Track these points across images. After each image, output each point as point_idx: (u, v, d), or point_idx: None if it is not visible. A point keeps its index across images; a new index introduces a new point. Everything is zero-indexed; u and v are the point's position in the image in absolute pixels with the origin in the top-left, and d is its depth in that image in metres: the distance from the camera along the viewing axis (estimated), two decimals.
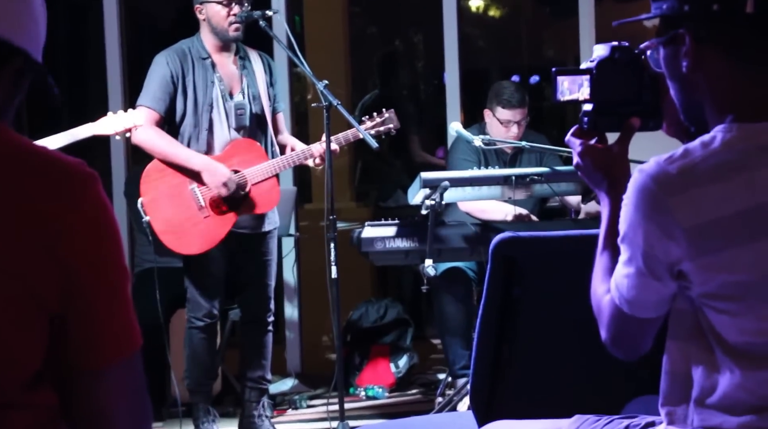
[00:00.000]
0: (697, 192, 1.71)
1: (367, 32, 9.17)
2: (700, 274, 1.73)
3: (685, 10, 1.78)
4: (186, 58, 4.62)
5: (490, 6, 8.97)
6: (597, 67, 1.93)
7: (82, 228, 1.57)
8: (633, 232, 1.75)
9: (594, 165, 1.94)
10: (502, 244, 2.50)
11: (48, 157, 1.59)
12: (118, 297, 1.62)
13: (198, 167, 4.52)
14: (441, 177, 4.46)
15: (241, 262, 4.76)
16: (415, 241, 4.55)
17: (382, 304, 6.07)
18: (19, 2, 1.64)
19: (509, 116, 5.23)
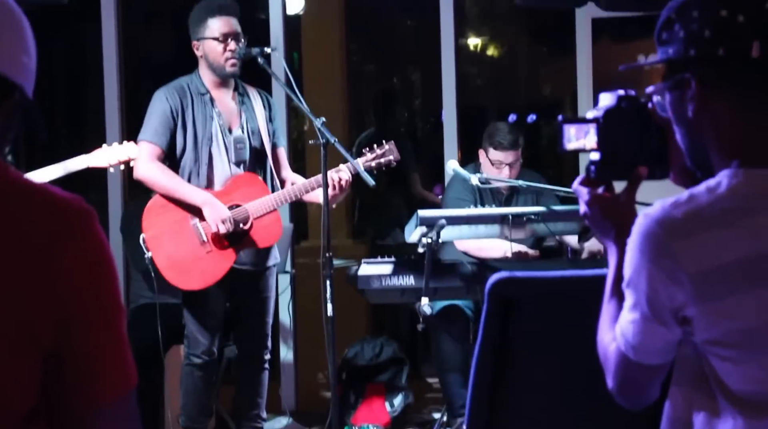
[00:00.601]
0: (702, 237, 1.70)
1: (364, 70, 9.21)
2: (704, 320, 1.71)
3: (690, 54, 1.78)
4: (185, 94, 4.63)
5: (488, 45, 9.02)
6: (604, 116, 1.93)
7: (79, 265, 1.56)
8: (637, 276, 1.74)
9: (602, 214, 1.93)
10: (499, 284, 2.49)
11: (45, 194, 1.59)
12: (113, 334, 1.61)
13: (199, 203, 4.52)
14: (438, 215, 4.46)
15: (240, 298, 4.74)
16: (411, 279, 4.54)
17: (378, 342, 6.04)
18: (16, 38, 1.65)
19: (501, 158, 5.24)
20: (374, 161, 4.66)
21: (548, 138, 8.92)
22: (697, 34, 1.77)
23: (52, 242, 1.55)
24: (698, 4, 1.78)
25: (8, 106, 1.64)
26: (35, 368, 1.55)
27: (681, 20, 1.79)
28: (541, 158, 8.60)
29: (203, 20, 4.64)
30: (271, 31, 6.25)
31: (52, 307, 1.54)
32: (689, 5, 1.79)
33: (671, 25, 1.81)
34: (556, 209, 4.72)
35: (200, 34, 4.64)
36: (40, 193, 1.59)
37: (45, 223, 1.56)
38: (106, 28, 6.32)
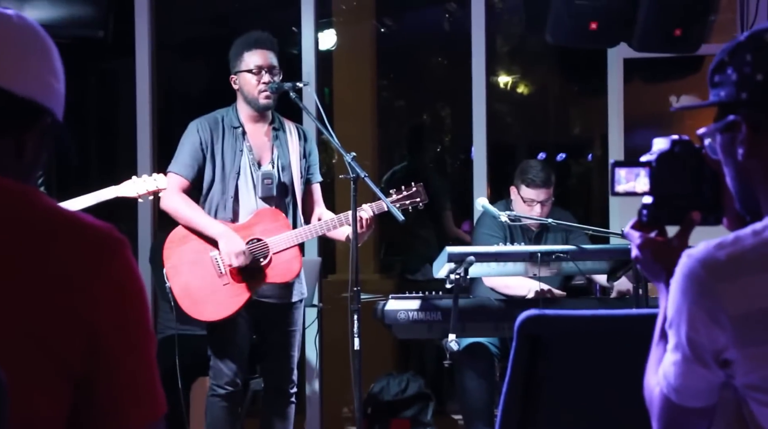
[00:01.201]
0: (746, 280, 1.69)
1: (395, 105, 9.24)
2: (745, 365, 1.70)
3: (742, 97, 1.77)
4: (217, 126, 4.66)
5: (519, 83, 9.03)
6: (657, 160, 1.93)
7: (110, 293, 1.57)
8: (679, 316, 1.73)
9: (653, 258, 1.92)
10: (528, 321, 2.48)
11: (78, 222, 1.60)
12: (144, 362, 1.61)
13: (215, 235, 4.54)
14: (466, 251, 4.46)
15: (265, 331, 4.74)
16: (438, 315, 4.54)
17: (404, 377, 6.03)
18: (44, 62, 1.67)
19: (533, 196, 5.23)
20: (400, 202, 4.66)
21: (577, 177, 8.90)
22: (749, 78, 1.76)
23: (83, 270, 1.56)
24: (751, 48, 1.77)
25: (39, 130, 1.66)
26: (65, 394, 1.56)
27: (734, 63, 1.79)
28: (570, 197, 8.58)
29: (240, 54, 4.68)
30: (304, 66, 6.29)
31: (83, 335, 1.54)
32: (742, 49, 1.78)
33: (724, 68, 1.81)
34: (585, 248, 4.71)
35: (237, 67, 4.69)
36: (72, 221, 1.60)
37: (77, 251, 1.56)
38: (139, 60, 6.38)
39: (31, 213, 1.58)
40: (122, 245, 1.61)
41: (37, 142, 1.66)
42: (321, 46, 6.70)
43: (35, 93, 1.63)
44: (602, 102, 6.18)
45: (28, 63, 1.64)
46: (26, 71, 1.63)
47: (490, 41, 6.57)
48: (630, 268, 4.45)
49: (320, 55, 6.51)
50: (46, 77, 1.66)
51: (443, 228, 7.18)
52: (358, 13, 7.98)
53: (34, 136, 1.65)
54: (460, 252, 4.44)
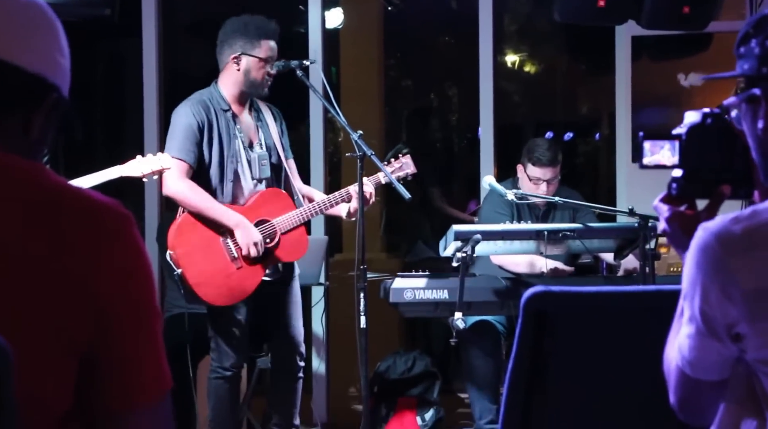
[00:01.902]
0: (760, 255, 1.68)
1: (402, 85, 9.22)
2: (756, 339, 1.69)
3: (763, 72, 1.76)
4: (209, 110, 4.63)
5: (526, 62, 9.01)
6: (687, 133, 1.91)
7: (115, 268, 1.57)
8: (693, 290, 1.73)
9: (682, 231, 1.90)
10: (534, 298, 2.48)
11: (84, 198, 1.60)
12: (149, 338, 1.62)
13: (232, 225, 4.52)
14: (473, 230, 4.46)
15: (266, 309, 4.74)
16: (445, 294, 4.54)
17: (410, 356, 6.03)
18: (51, 38, 1.67)
19: (539, 174, 5.22)
20: (394, 174, 4.66)
21: (585, 156, 8.89)
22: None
23: (89, 245, 1.56)
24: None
25: (47, 107, 1.66)
26: (71, 370, 1.56)
27: (757, 36, 1.78)
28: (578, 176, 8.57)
29: (257, 39, 4.61)
30: (310, 44, 6.28)
31: (89, 309, 1.55)
32: (766, 22, 1.77)
33: (748, 40, 1.80)
34: (592, 226, 4.71)
35: (249, 50, 4.62)
36: (79, 197, 1.60)
37: (83, 227, 1.57)
38: (146, 40, 6.38)
39: (38, 189, 1.58)
40: (128, 221, 1.61)
41: (44, 120, 1.66)
42: (328, 24, 6.68)
43: (43, 69, 1.63)
44: (610, 80, 6.17)
45: (35, 39, 1.64)
46: (34, 48, 1.63)
47: (498, 20, 6.55)
48: (637, 246, 4.44)
49: (327, 33, 6.50)
50: (53, 54, 1.66)
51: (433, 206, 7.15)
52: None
53: (41, 113, 1.65)
54: (467, 230, 4.44)
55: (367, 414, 4.46)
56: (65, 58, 1.69)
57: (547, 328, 2.51)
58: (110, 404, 1.59)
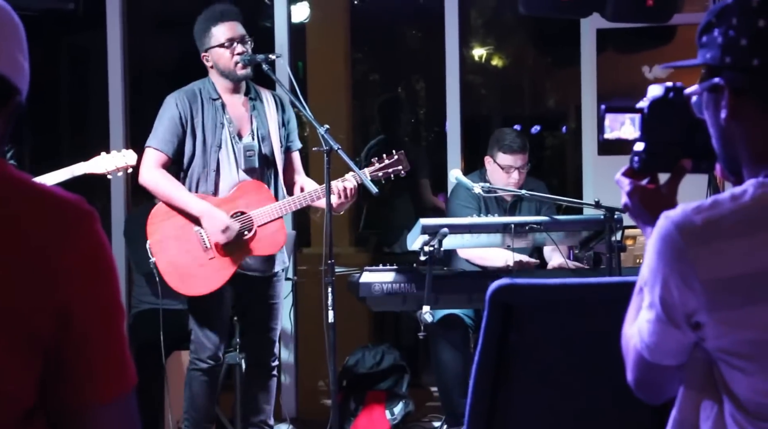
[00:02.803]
0: (720, 245, 1.69)
1: (369, 79, 9.22)
2: (716, 328, 1.71)
3: (726, 61, 1.77)
4: (195, 99, 4.63)
5: (493, 55, 9.03)
6: (650, 107, 1.91)
7: (79, 264, 1.57)
8: (653, 277, 1.74)
9: (642, 205, 1.92)
10: (500, 291, 2.49)
11: (46, 193, 1.60)
12: (113, 334, 1.61)
13: (197, 213, 4.51)
14: (440, 223, 4.46)
15: (248, 305, 4.74)
16: (413, 287, 4.54)
17: (379, 350, 6.04)
18: (15, 40, 1.66)
19: (510, 161, 5.25)
20: (382, 171, 4.66)
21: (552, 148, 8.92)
22: (733, 42, 1.76)
23: (51, 241, 1.55)
24: (737, 12, 1.77)
25: (10, 109, 1.65)
26: (35, 366, 1.56)
27: (720, 25, 1.78)
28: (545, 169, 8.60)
29: (207, 30, 4.64)
30: (276, 38, 6.26)
31: (52, 305, 1.55)
32: (729, 11, 1.78)
33: (711, 29, 1.80)
34: (558, 219, 4.73)
35: (207, 44, 4.64)
36: (40, 193, 1.60)
37: (45, 222, 1.56)
38: (111, 34, 6.33)
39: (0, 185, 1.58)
40: (91, 216, 1.61)
41: (6, 120, 1.65)
42: (294, 18, 6.67)
43: (8, 71, 1.63)
44: (576, 73, 6.19)
45: (1, 42, 1.63)
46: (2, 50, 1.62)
47: (464, 13, 6.55)
48: (602, 238, 4.47)
49: (293, 27, 6.49)
50: (16, 56, 1.65)
51: (421, 197, 7.17)
52: None
53: (4, 114, 1.64)
54: (434, 224, 4.44)
55: (335, 408, 4.46)
56: (26, 60, 1.68)
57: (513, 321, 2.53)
58: (74, 400, 1.59)
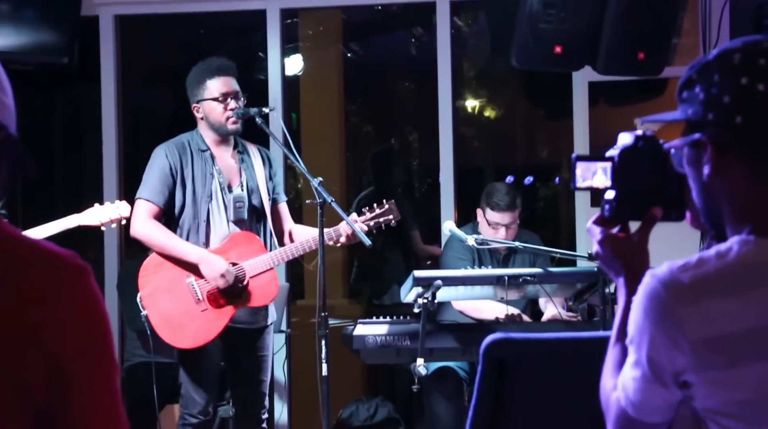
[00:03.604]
0: (708, 305, 1.68)
1: (362, 130, 9.25)
2: (704, 388, 1.70)
3: (709, 118, 1.76)
4: (185, 150, 4.64)
5: (486, 106, 9.07)
6: (620, 155, 1.91)
7: (72, 321, 1.56)
8: (640, 336, 1.73)
9: (613, 253, 1.91)
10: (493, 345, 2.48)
11: (40, 249, 1.59)
12: (107, 391, 1.60)
13: (195, 260, 4.51)
14: (434, 275, 4.46)
15: (236, 357, 4.71)
16: (407, 340, 4.52)
17: (373, 402, 6.02)
18: None
19: (498, 219, 5.27)
20: (374, 220, 4.67)
21: (545, 200, 8.94)
22: (716, 99, 1.75)
23: (45, 298, 1.54)
24: (719, 69, 1.77)
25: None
26: (27, 423, 1.54)
27: (701, 82, 1.78)
28: (538, 220, 8.61)
29: (202, 82, 4.66)
30: (270, 91, 6.29)
31: (45, 362, 1.53)
32: (710, 68, 1.78)
33: (692, 85, 1.80)
34: (552, 271, 4.72)
35: (199, 96, 4.66)
36: (33, 249, 1.59)
37: (38, 279, 1.55)
38: (105, 86, 6.36)
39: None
40: (84, 272, 1.60)
41: None
42: (287, 71, 6.70)
43: None
44: (568, 125, 6.21)
45: None
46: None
47: (457, 65, 6.60)
48: (596, 291, 4.46)
49: (287, 80, 6.51)
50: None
51: (413, 248, 7.17)
52: (324, 39, 8.00)
53: None
54: (428, 276, 4.43)
55: None
56: (7, 95, 1.66)
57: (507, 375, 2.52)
58: None
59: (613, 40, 4.90)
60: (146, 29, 7.22)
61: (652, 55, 5.01)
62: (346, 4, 6.85)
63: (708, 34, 5.10)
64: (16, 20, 5.77)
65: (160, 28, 7.36)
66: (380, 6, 7.44)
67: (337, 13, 7.73)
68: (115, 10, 6.34)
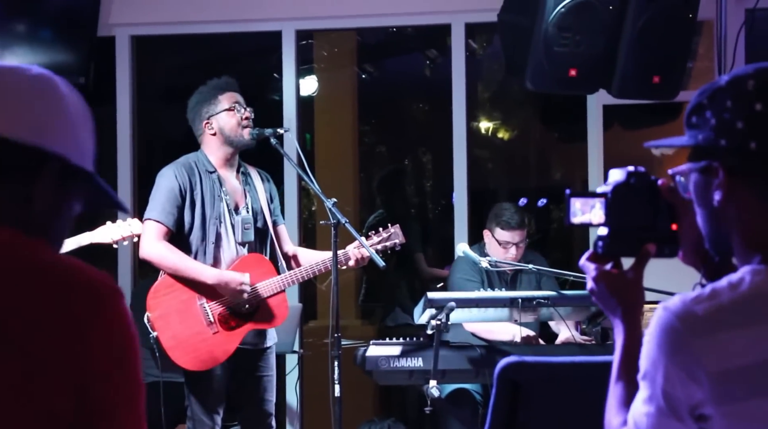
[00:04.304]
0: (724, 337, 1.67)
1: (376, 151, 9.27)
2: (722, 421, 1.68)
3: (721, 144, 1.75)
4: (193, 171, 4.66)
5: (500, 128, 9.08)
6: (612, 191, 1.91)
7: (104, 343, 1.58)
8: (654, 370, 1.71)
9: (608, 290, 1.90)
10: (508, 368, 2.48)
11: (76, 272, 1.61)
12: (133, 412, 1.62)
13: (211, 280, 4.51)
14: (447, 297, 4.46)
15: (242, 378, 4.71)
16: (419, 361, 4.52)
17: (385, 424, 6.00)
18: (48, 107, 1.66)
19: (508, 238, 5.28)
20: (380, 244, 4.68)
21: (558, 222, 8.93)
22: (729, 125, 1.74)
23: (79, 320, 1.56)
24: (732, 95, 1.75)
25: (48, 177, 1.65)
26: None
27: (713, 107, 1.77)
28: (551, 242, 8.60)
29: (213, 98, 4.69)
30: (285, 112, 6.31)
31: (75, 383, 1.55)
32: (722, 94, 1.77)
33: (702, 111, 1.79)
34: (565, 294, 4.72)
35: (212, 111, 4.68)
36: (68, 271, 1.61)
37: (74, 301, 1.57)
38: (121, 107, 6.39)
39: (26, 265, 1.59)
40: (118, 296, 1.62)
41: (50, 190, 1.65)
42: (302, 92, 6.73)
43: (36, 138, 1.62)
44: (582, 147, 6.22)
45: (31, 110, 1.64)
46: (26, 119, 1.63)
47: (471, 87, 6.61)
48: None
49: (301, 101, 6.54)
50: (52, 122, 1.65)
51: (417, 270, 7.17)
52: (339, 60, 8.03)
53: (43, 183, 1.65)
54: (441, 298, 4.44)
55: None
56: (72, 124, 1.68)
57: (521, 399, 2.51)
58: None
59: (628, 64, 4.90)
60: (162, 50, 7.26)
61: (667, 79, 5.01)
62: (361, 26, 6.88)
63: (723, 59, 5.10)
64: (32, 40, 5.81)
65: (175, 49, 7.40)
66: (395, 28, 7.47)
67: (351, 34, 7.76)
68: (131, 31, 6.38)
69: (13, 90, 1.65)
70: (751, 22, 5.48)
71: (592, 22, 4.84)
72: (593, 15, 4.84)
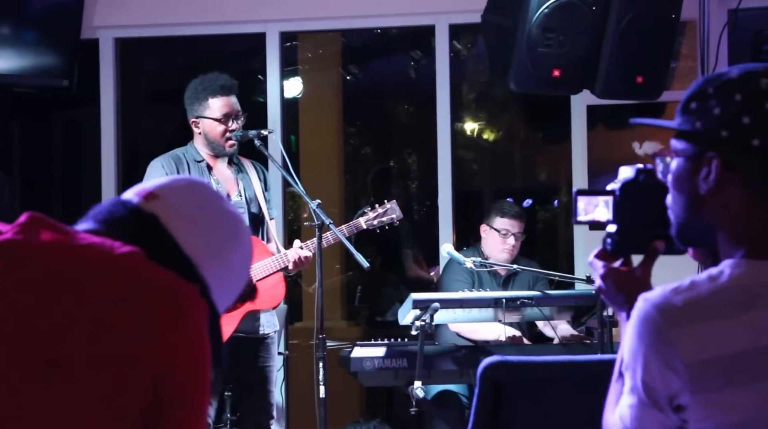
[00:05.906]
0: (701, 327, 1.68)
1: (361, 153, 9.27)
2: (698, 411, 1.70)
3: (722, 135, 1.75)
4: (181, 162, 4.64)
5: (484, 129, 9.09)
6: (621, 188, 1.92)
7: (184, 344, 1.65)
8: (634, 360, 1.73)
9: (616, 288, 1.91)
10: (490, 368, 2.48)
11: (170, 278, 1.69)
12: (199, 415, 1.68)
13: None
14: (431, 298, 4.46)
15: (241, 369, 4.67)
16: (404, 362, 4.53)
17: (371, 425, 5.99)
18: (234, 250, 1.91)
19: (508, 226, 5.32)
20: (376, 220, 4.66)
21: (544, 223, 8.95)
22: (734, 118, 1.74)
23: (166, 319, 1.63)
24: (742, 89, 1.75)
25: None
26: None
27: (719, 97, 1.76)
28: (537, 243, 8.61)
29: (204, 99, 4.66)
30: (269, 113, 6.30)
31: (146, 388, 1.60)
32: (732, 86, 1.76)
33: (705, 99, 1.78)
34: (550, 293, 4.73)
35: (200, 112, 4.66)
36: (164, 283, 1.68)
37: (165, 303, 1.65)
38: (105, 109, 6.37)
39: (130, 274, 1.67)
40: (203, 306, 1.70)
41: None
42: (287, 93, 6.72)
43: (200, 259, 1.78)
44: (567, 148, 6.23)
45: (219, 242, 1.82)
46: (207, 241, 1.80)
47: (456, 88, 6.61)
48: (594, 314, 4.47)
49: (286, 103, 6.53)
50: (224, 260, 1.85)
51: (404, 267, 7.17)
52: (323, 61, 8.03)
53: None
54: (425, 298, 4.44)
55: None
56: (230, 275, 1.89)
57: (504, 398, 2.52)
58: None
59: (611, 64, 4.92)
60: (146, 52, 7.24)
61: (651, 79, 5.03)
62: (346, 27, 6.88)
63: (706, 59, 5.12)
64: (16, 43, 5.79)
65: (159, 52, 7.38)
66: (379, 29, 7.48)
67: (336, 36, 7.76)
68: (115, 33, 6.36)
69: (213, 220, 1.84)
70: (733, 23, 5.50)
71: (576, 22, 4.85)
72: (576, 16, 4.85)
